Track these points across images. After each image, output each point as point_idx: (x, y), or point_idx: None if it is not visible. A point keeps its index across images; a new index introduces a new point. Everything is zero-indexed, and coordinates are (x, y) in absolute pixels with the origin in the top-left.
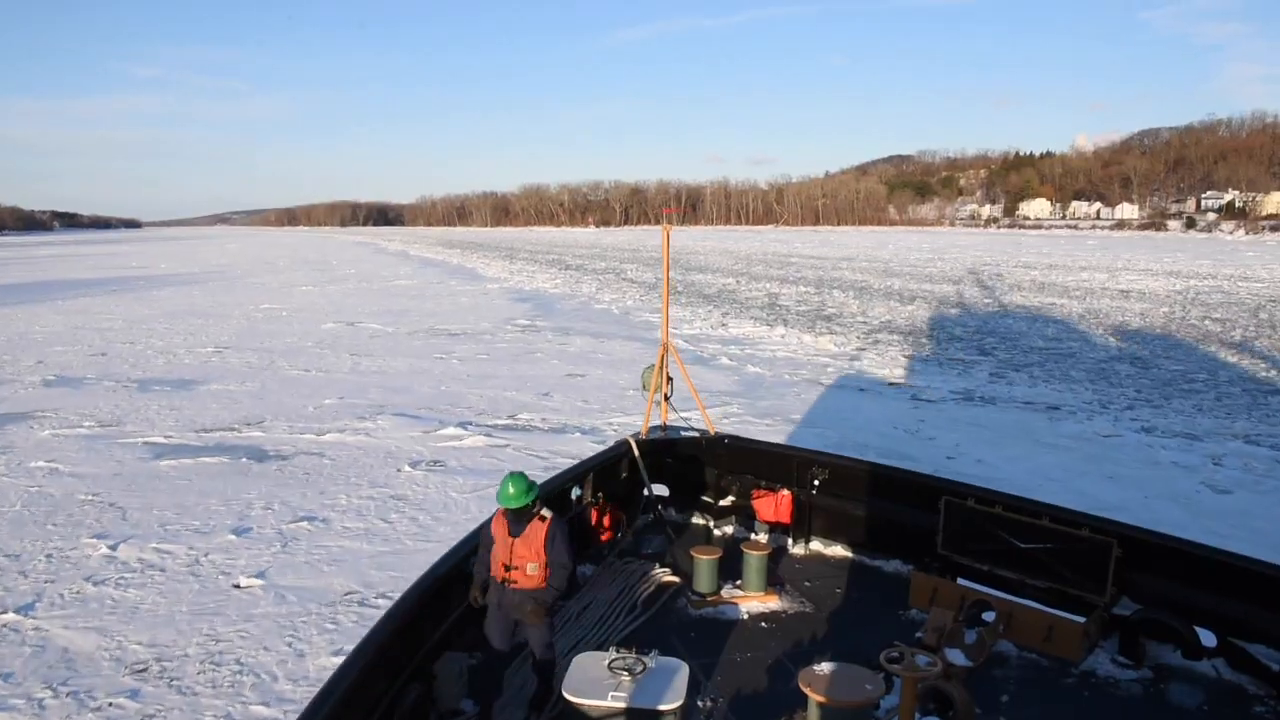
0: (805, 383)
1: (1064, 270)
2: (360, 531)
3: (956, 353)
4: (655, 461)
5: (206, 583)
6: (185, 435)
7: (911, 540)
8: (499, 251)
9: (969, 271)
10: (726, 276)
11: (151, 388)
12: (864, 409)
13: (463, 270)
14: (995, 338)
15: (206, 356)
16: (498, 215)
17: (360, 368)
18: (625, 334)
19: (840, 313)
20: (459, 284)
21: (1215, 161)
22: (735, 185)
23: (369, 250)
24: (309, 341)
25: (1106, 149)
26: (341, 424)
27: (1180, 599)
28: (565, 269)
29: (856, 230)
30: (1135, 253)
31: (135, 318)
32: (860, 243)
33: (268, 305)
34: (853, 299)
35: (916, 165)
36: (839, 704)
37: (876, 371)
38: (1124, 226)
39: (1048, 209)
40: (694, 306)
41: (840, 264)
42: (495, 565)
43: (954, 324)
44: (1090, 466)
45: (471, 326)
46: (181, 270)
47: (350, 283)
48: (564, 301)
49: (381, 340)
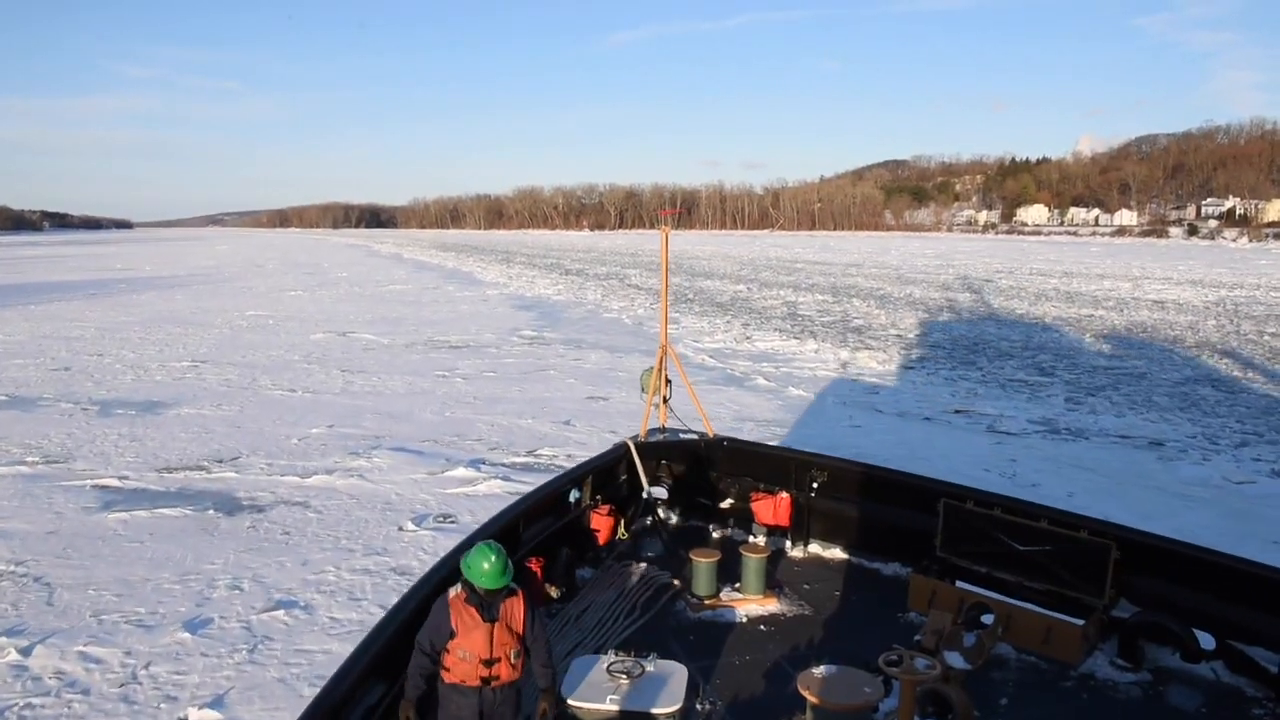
0: (860, 408)
1: (1082, 279)
2: (353, 626)
3: (1014, 372)
4: (654, 464)
5: (141, 716)
6: (144, 476)
7: (910, 543)
8: (495, 255)
9: (984, 279)
10: (736, 283)
11: (114, 411)
12: (938, 443)
13: (459, 274)
14: (1049, 354)
15: (181, 372)
16: (491, 218)
17: (353, 387)
18: (643, 347)
19: (868, 324)
20: (457, 289)
21: (1215, 168)
22: (730, 189)
23: (361, 253)
24: (296, 355)
25: (1104, 155)
26: (331, 461)
27: (1179, 601)
28: (566, 274)
29: (853, 235)
30: (1144, 260)
31: (109, 325)
32: (861, 248)
33: (253, 312)
34: (876, 308)
35: (912, 170)
36: (838, 707)
37: (935, 395)
38: (1124, 233)
39: (1045, 215)
40: (710, 316)
41: (849, 270)
42: (464, 667)
43: (996, 338)
44: (1246, 526)
45: (474, 338)
46: (166, 273)
47: (342, 287)
48: (570, 309)
49: (376, 354)
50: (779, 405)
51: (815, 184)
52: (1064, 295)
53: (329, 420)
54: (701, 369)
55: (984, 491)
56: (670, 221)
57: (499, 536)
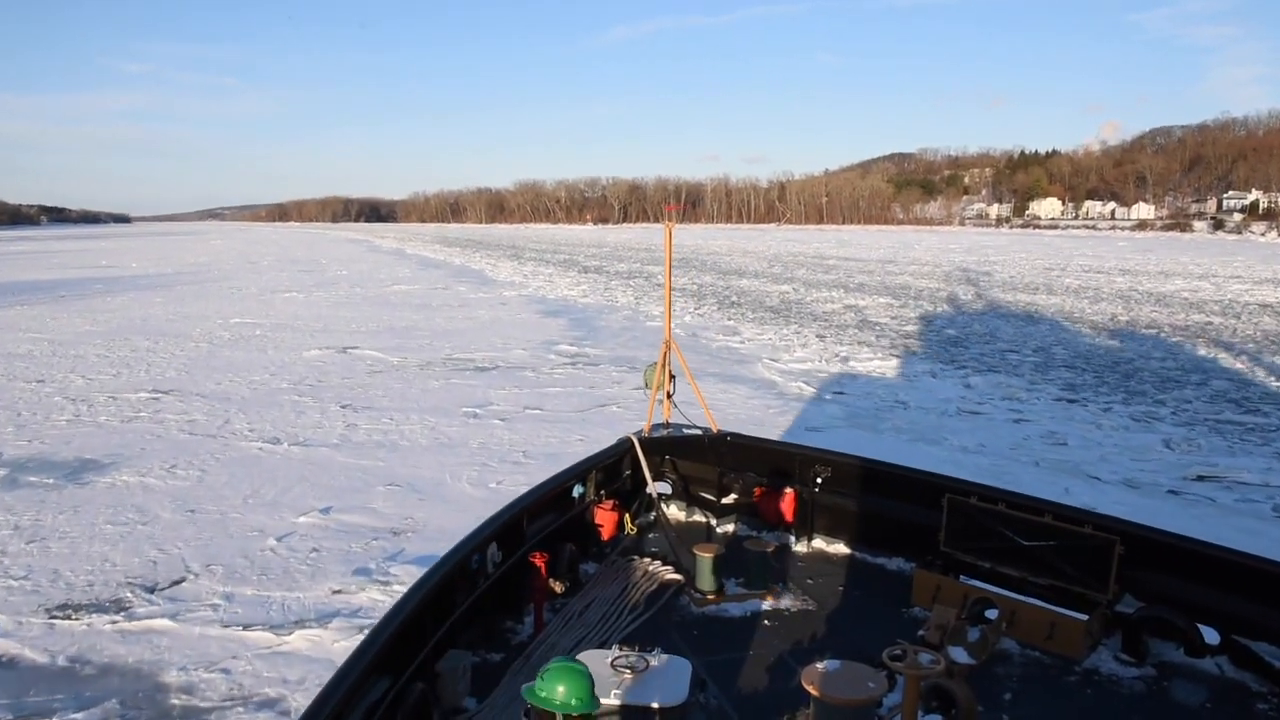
0: (1064, 473)
1: (1145, 277)
2: None
3: (1206, 408)
4: (658, 459)
5: None
6: (12, 631)
7: (914, 538)
8: (502, 250)
9: (1043, 279)
10: (775, 282)
11: (22, 481)
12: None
13: (469, 272)
14: (1224, 380)
15: (135, 409)
16: (492, 212)
17: (357, 435)
18: (716, 369)
19: (962, 335)
20: (469, 290)
21: (1234, 161)
22: (735, 183)
23: (362, 248)
24: (284, 381)
25: (1116, 148)
26: (323, 593)
27: (1183, 596)
28: (584, 271)
29: (864, 230)
30: (1189, 255)
31: (66, 338)
32: (881, 243)
33: (240, 319)
34: (953, 313)
35: (918, 163)
36: (841, 702)
37: (1145, 448)
38: (1145, 227)
39: (1059, 208)
40: (772, 325)
41: (887, 267)
42: None
43: (1138, 356)
44: None
45: (502, 354)
46: (152, 270)
47: (341, 288)
48: (604, 316)
49: (385, 378)
50: (985, 467)
51: (822, 177)
52: (1150, 297)
53: (324, 497)
54: (812, 406)
55: (988, 487)
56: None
57: (503, 531)
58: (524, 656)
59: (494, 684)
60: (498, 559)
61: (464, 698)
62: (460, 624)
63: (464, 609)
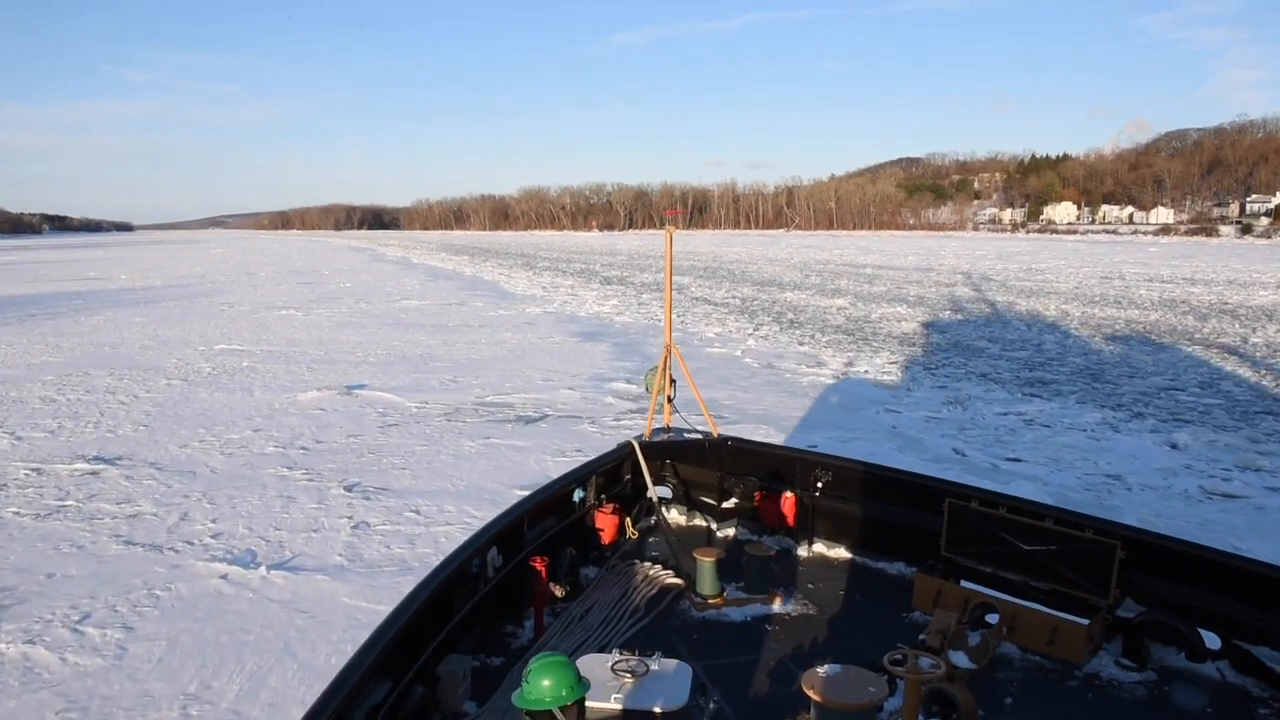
0: None
1: (1204, 286)
2: None
3: None
4: (658, 463)
5: None
6: None
7: (915, 542)
8: (512, 258)
9: (1112, 293)
10: (823, 295)
11: None
12: None
13: (483, 284)
14: None
15: (60, 494)
16: (496, 219)
17: (369, 547)
18: (823, 417)
19: (1092, 365)
20: (487, 306)
21: (1255, 164)
22: (742, 189)
23: (365, 257)
24: (270, 443)
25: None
26: None
27: (1184, 601)
28: (607, 283)
29: (877, 235)
30: (1230, 261)
31: (13, 372)
32: (903, 249)
33: (226, 345)
34: (1050, 333)
35: (926, 168)
36: (842, 706)
37: None
38: (1169, 232)
39: (1074, 213)
40: (853, 350)
41: (931, 276)
42: None
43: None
44: None
45: (546, 396)
46: (140, 283)
47: (344, 303)
48: (651, 339)
49: (403, 437)
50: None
51: (830, 182)
52: (1260, 313)
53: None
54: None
55: (989, 491)
56: (676, 222)
57: (503, 535)
58: (524, 660)
59: (494, 688)
60: (498, 563)
61: (464, 701)
62: (460, 628)
63: (464, 613)
